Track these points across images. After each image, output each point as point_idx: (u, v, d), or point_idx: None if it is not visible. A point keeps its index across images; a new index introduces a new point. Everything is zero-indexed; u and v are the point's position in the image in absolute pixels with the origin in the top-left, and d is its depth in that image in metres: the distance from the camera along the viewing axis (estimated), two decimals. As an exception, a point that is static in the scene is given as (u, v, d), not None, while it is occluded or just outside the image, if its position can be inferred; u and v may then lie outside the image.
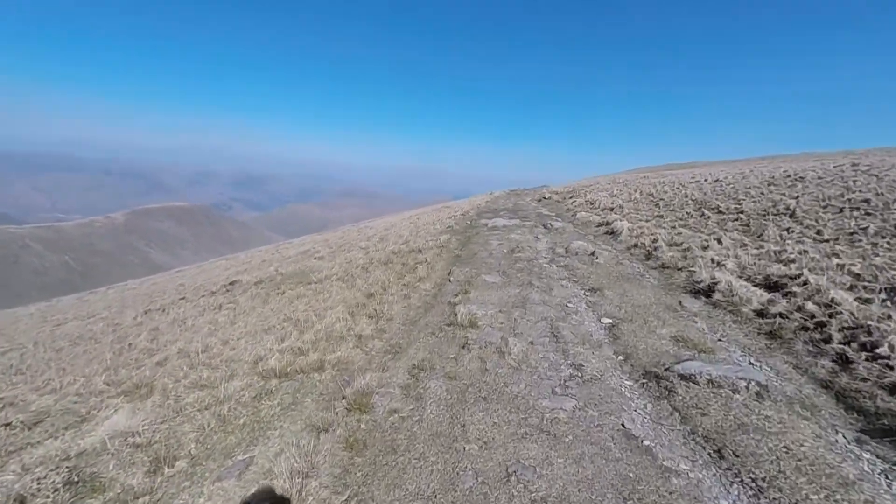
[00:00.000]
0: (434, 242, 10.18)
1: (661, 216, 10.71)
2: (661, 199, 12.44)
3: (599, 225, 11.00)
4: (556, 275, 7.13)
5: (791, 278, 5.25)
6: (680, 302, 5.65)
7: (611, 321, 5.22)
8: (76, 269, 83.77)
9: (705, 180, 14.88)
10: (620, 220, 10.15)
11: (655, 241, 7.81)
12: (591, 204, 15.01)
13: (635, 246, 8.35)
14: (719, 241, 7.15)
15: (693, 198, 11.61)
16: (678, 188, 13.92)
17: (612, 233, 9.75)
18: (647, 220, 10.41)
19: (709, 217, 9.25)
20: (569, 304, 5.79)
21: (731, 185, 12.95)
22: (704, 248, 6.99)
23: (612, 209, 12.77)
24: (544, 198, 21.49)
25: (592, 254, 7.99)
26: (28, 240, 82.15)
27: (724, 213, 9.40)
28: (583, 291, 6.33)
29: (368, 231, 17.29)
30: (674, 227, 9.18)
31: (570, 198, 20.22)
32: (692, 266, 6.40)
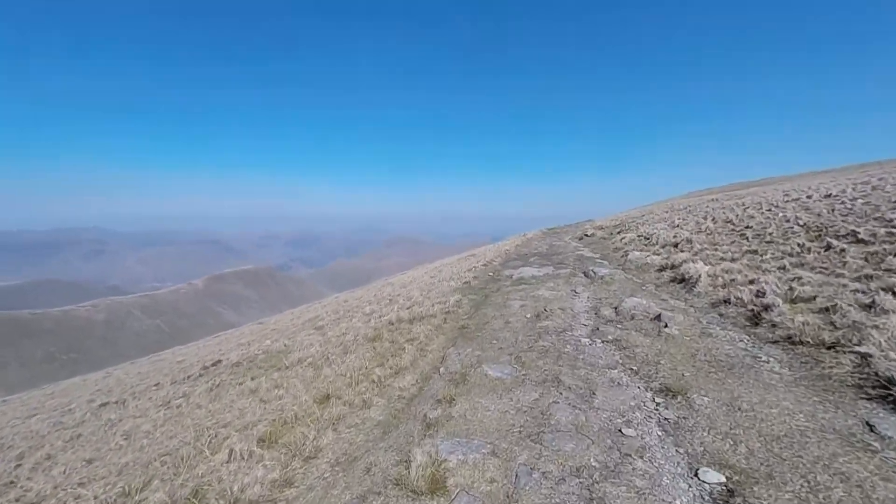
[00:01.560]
0: (441, 307, 7.95)
1: (755, 252, 7.63)
2: (749, 227, 9.22)
3: (662, 269, 8.14)
4: (600, 360, 4.51)
5: None
6: (867, 423, 2.82)
7: (722, 480, 2.56)
8: (166, 331, 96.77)
9: (809, 197, 11.24)
10: (693, 261, 7.28)
11: (762, 293, 4.92)
12: (647, 239, 12.05)
13: (725, 302, 5.48)
14: (894, 293, 4.12)
15: (801, 222, 8.32)
16: (770, 210, 10.51)
17: (683, 280, 6.90)
18: (733, 260, 7.42)
19: (844, 250, 6.06)
20: (627, 432, 3.17)
21: (860, 200, 9.37)
22: (868, 307, 4.02)
23: (676, 245, 9.81)
24: (586, 235, 18.61)
25: (658, 318, 5.26)
26: (132, 307, 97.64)
27: (869, 243, 6.14)
28: (650, 396, 3.69)
29: (386, 289, 15.50)
30: (783, 269, 6.13)
31: (619, 233, 17.19)
32: (858, 341, 3.51)
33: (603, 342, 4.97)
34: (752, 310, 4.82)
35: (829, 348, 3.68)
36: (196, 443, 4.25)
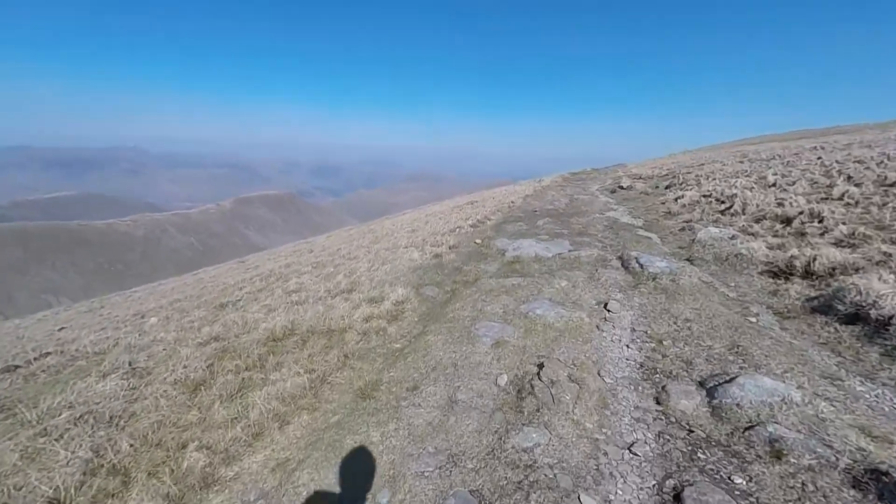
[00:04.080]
0: (368, 311, 4.59)
1: None
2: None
3: (779, 273, 4.33)
4: None
5: None
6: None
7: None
8: (199, 249, 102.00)
9: None
10: (873, 272, 3.44)
11: None
12: (721, 203, 7.90)
13: None
14: None
15: None
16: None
17: (858, 319, 3.15)
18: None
19: None
20: None
21: None
22: None
23: (789, 221, 5.77)
24: (620, 188, 14.22)
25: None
26: (167, 224, 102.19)
27: None
28: None
29: (337, 247, 12.17)
30: None
31: (668, 187, 12.76)
32: None
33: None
34: None
35: None
36: None
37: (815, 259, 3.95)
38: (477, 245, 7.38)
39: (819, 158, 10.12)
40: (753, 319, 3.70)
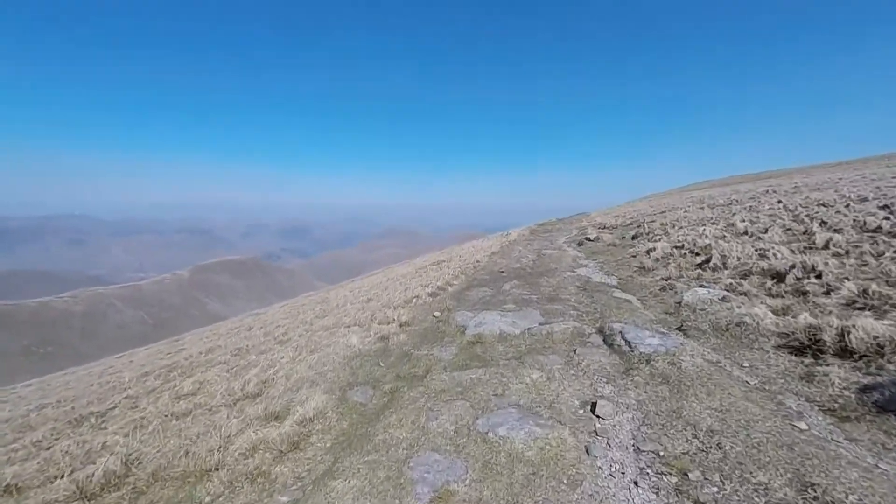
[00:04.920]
0: (246, 441, 3.14)
1: None
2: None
3: (801, 348, 3.41)
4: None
5: None
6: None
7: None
8: (150, 323, 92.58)
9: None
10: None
11: None
12: (696, 255, 7.31)
13: None
14: None
15: None
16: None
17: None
18: None
19: None
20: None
21: None
22: None
23: (781, 277, 5.07)
24: (587, 239, 13.84)
25: None
26: (113, 298, 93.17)
27: None
28: None
29: (314, 309, 10.65)
30: None
31: (636, 237, 12.43)
32: None
33: None
34: None
35: None
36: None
37: (847, 332, 3.05)
38: (435, 319, 6.19)
39: (780, 202, 10.10)
40: (803, 426, 2.63)
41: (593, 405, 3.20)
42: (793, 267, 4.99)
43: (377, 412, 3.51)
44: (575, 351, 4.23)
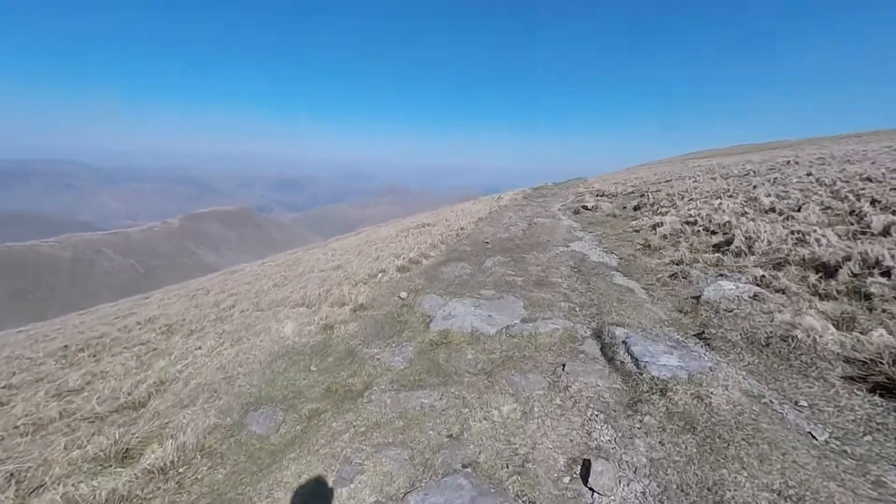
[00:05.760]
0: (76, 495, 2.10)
1: None
2: None
3: (887, 387, 2.35)
4: None
5: None
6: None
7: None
8: (140, 271, 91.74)
9: None
10: None
11: None
12: (712, 233, 6.20)
13: None
14: None
15: None
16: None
17: None
18: None
19: None
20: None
21: None
22: None
23: (824, 267, 4.00)
24: (584, 208, 12.59)
25: None
26: (102, 245, 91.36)
27: None
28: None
29: (278, 274, 9.55)
30: None
31: (638, 208, 11.21)
32: None
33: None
34: None
35: None
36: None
37: None
38: (399, 302, 5.10)
39: (809, 175, 8.83)
40: None
41: (585, 468, 2.19)
42: (847, 259, 3.90)
43: (273, 456, 2.49)
44: (563, 367, 3.19)
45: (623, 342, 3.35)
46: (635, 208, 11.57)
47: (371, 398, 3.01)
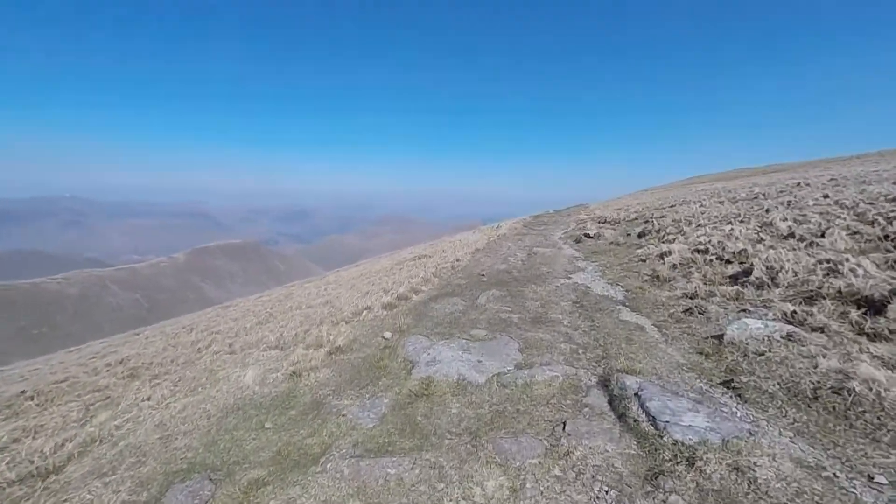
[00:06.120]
0: None
1: None
2: None
3: None
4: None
5: None
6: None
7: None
8: (145, 306, 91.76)
9: None
10: None
11: None
12: (727, 262, 5.70)
13: None
14: None
15: None
16: None
17: None
18: None
19: None
20: None
21: None
22: None
23: (866, 301, 3.46)
24: (586, 236, 12.17)
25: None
26: (108, 281, 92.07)
27: None
28: None
29: (262, 311, 9.06)
30: None
31: (643, 235, 10.75)
32: None
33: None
34: None
35: None
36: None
37: None
38: (383, 343, 4.56)
39: (826, 197, 8.38)
40: None
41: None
42: (894, 293, 3.35)
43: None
44: (564, 426, 2.61)
45: (636, 395, 2.78)
46: (640, 235, 11.12)
47: (326, 466, 2.44)
